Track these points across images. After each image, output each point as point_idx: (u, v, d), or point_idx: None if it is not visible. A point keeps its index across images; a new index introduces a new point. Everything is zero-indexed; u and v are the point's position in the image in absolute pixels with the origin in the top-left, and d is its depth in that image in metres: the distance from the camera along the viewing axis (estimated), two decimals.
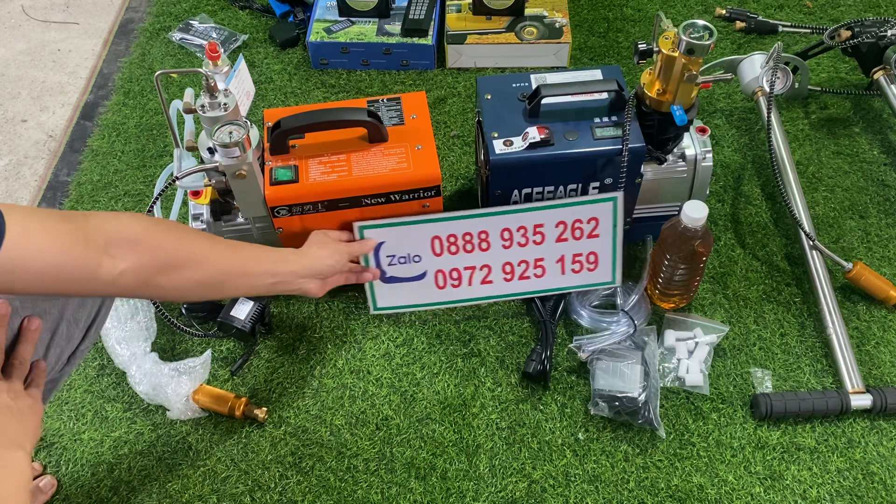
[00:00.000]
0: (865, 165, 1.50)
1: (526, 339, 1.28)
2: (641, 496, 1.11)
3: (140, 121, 1.64)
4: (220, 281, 0.97)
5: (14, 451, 0.80)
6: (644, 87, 1.18)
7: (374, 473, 1.14)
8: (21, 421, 0.83)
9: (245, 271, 1.00)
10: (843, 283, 1.32)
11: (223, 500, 1.12)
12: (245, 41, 1.78)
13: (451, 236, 1.22)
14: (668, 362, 1.22)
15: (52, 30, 1.91)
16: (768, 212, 1.44)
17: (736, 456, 1.14)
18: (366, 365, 1.26)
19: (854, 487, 1.11)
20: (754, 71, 1.50)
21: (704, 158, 1.24)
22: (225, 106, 1.09)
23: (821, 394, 1.17)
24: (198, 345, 1.29)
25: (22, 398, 0.85)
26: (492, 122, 1.21)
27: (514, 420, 1.19)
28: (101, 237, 0.81)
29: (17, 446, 0.80)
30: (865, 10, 1.81)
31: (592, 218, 1.21)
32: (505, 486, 1.12)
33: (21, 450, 0.80)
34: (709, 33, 1.08)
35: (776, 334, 1.27)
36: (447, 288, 1.27)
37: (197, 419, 1.20)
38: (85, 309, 0.96)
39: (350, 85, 1.69)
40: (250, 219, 1.21)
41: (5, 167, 1.61)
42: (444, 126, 1.59)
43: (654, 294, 1.30)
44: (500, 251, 1.24)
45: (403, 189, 1.17)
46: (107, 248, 0.81)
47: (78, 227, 0.80)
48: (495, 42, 1.68)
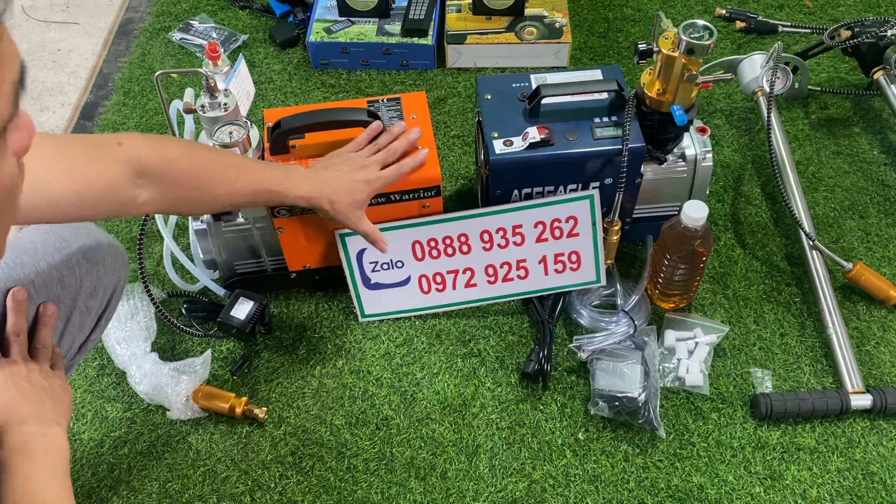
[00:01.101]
0: (865, 165, 1.50)
1: (526, 339, 1.28)
2: (641, 496, 1.11)
3: (140, 121, 1.64)
4: (250, 197, 1.04)
5: (52, 427, 0.82)
6: (644, 87, 1.18)
7: (374, 473, 1.14)
8: (54, 399, 0.85)
9: (271, 187, 1.04)
10: (843, 283, 1.32)
11: (223, 500, 1.12)
12: (245, 41, 1.78)
13: (432, 240, 1.22)
14: (668, 362, 1.22)
15: (52, 30, 1.91)
16: (768, 212, 1.44)
17: (736, 456, 1.14)
18: (366, 365, 1.26)
19: (854, 487, 1.11)
20: (754, 71, 1.50)
21: (704, 158, 1.24)
22: (225, 106, 1.09)
23: (821, 394, 1.17)
24: (198, 345, 1.29)
25: (52, 378, 0.87)
26: (492, 122, 1.21)
27: (514, 420, 1.19)
28: (130, 166, 0.89)
29: (55, 423, 0.83)
30: (865, 10, 1.81)
31: (570, 217, 1.21)
32: (505, 486, 1.12)
33: (58, 426, 0.83)
34: (709, 33, 1.08)
35: (776, 334, 1.27)
36: (432, 292, 1.27)
37: (197, 419, 1.20)
38: (97, 298, 0.98)
39: (350, 85, 1.69)
40: (250, 219, 1.21)
41: None
42: (444, 126, 1.59)
43: (654, 294, 1.30)
44: (481, 253, 1.24)
45: (403, 189, 1.17)
46: (134, 178, 0.89)
47: (106, 154, 0.88)
48: (495, 42, 1.68)
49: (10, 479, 0.76)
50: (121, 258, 1.03)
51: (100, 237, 0.99)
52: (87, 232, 0.97)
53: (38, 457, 0.78)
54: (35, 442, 0.79)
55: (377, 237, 1.15)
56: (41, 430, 0.81)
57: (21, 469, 0.76)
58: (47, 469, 0.78)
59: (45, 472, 0.78)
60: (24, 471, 0.76)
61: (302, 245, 1.23)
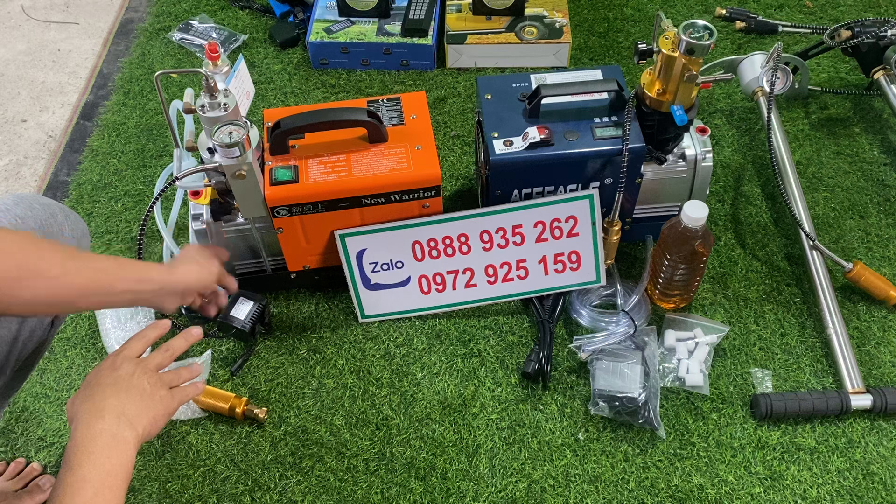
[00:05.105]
0: (865, 165, 1.50)
1: (526, 339, 1.28)
2: (641, 496, 1.11)
3: (140, 121, 1.64)
4: (71, 300, 0.88)
5: (124, 429, 0.79)
6: (644, 87, 1.17)
7: (374, 473, 1.14)
8: (144, 404, 0.82)
9: (101, 289, 0.90)
10: (843, 283, 1.32)
11: (223, 500, 1.12)
12: (245, 41, 1.78)
13: (432, 241, 1.22)
14: (669, 362, 1.22)
15: (52, 30, 1.91)
16: (768, 212, 1.44)
17: (736, 456, 1.14)
18: (366, 365, 1.26)
19: (854, 487, 1.11)
20: (754, 71, 1.50)
21: (704, 158, 1.24)
22: (225, 106, 1.09)
23: (821, 394, 1.17)
24: (198, 345, 1.28)
25: (157, 386, 0.85)
26: (492, 122, 1.21)
27: (514, 420, 1.19)
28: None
29: (129, 425, 0.79)
30: (865, 10, 1.81)
31: (570, 216, 1.21)
32: (505, 486, 1.12)
33: (132, 430, 0.79)
34: (709, 33, 1.08)
35: (776, 334, 1.27)
36: (432, 293, 1.27)
37: (197, 419, 1.20)
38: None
39: (350, 85, 1.69)
40: (250, 219, 1.21)
41: (5, 167, 1.61)
42: (444, 126, 1.59)
43: (655, 294, 1.30)
44: (480, 254, 1.24)
45: (403, 189, 1.17)
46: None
47: None
48: (495, 42, 1.68)
49: (67, 475, 0.74)
50: (80, 227, 1.02)
51: (54, 209, 0.98)
52: (40, 207, 0.97)
53: (98, 459, 0.76)
54: (101, 442, 0.77)
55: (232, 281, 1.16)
56: (112, 430, 0.78)
57: (80, 469, 0.74)
58: (104, 475, 0.75)
59: (101, 479, 0.75)
60: (82, 472, 0.74)
61: (302, 245, 1.23)
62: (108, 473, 0.75)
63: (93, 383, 0.82)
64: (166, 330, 0.92)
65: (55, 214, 0.98)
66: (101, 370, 0.84)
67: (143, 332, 0.90)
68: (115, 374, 0.83)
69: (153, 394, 0.84)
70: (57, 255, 0.85)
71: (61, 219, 0.98)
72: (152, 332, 0.91)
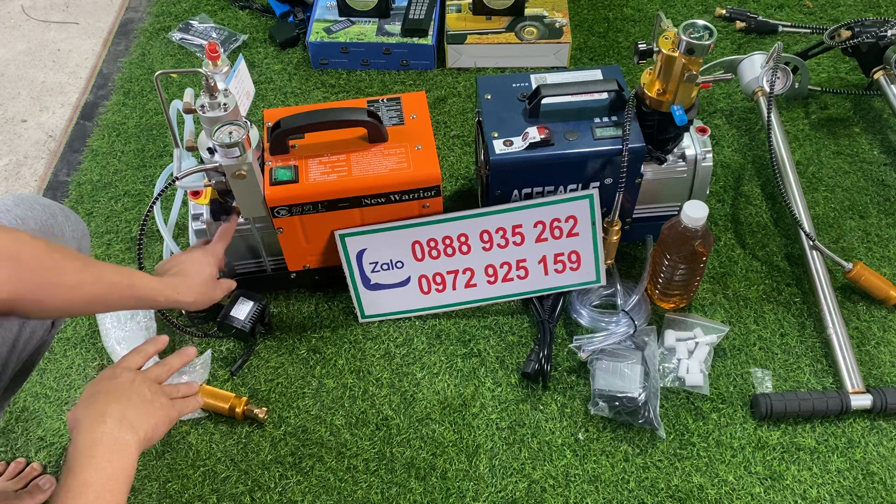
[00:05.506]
0: (865, 165, 1.50)
1: (526, 339, 1.28)
2: (641, 496, 1.11)
3: (140, 121, 1.64)
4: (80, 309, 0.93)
5: (126, 433, 0.80)
6: (644, 87, 1.17)
7: (374, 473, 1.14)
8: (144, 410, 0.84)
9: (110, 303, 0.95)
10: (843, 283, 1.32)
11: (223, 500, 1.12)
12: (245, 41, 1.78)
13: (431, 240, 1.22)
14: (669, 362, 1.22)
15: (52, 30, 1.91)
16: (768, 212, 1.44)
17: (736, 456, 1.14)
18: (366, 365, 1.26)
19: (854, 487, 1.11)
20: (754, 71, 1.50)
21: (704, 158, 1.24)
22: (225, 106, 1.09)
23: (821, 394, 1.17)
24: (198, 345, 1.29)
25: (157, 394, 0.87)
26: (492, 122, 1.21)
27: (514, 420, 1.19)
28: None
29: (131, 429, 0.80)
30: (865, 10, 1.81)
31: (570, 216, 1.21)
32: (505, 486, 1.12)
33: (133, 434, 0.80)
34: (709, 33, 1.08)
35: (776, 334, 1.27)
36: (432, 293, 1.27)
37: (197, 419, 1.20)
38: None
39: (350, 85, 1.69)
40: (250, 219, 1.21)
41: (5, 167, 1.61)
42: (444, 126, 1.59)
43: (655, 294, 1.30)
44: (480, 254, 1.24)
45: (403, 189, 1.17)
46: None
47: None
48: (495, 42, 1.68)
49: (69, 479, 0.74)
50: (80, 227, 1.03)
51: (54, 209, 0.99)
52: (41, 207, 0.98)
53: (99, 463, 0.76)
54: (102, 446, 0.78)
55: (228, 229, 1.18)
56: (113, 434, 0.79)
57: (82, 473, 0.75)
58: (105, 479, 0.76)
59: (102, 483, 0.76)
60: (84, 476, 0.75)
61: (302, 245, 1.23)
62: (109, 477, 0.76)
63: (93, 391, 0.83)
64: (164, 345, 0.95)
65: (55, 215, 0.98)
66: (101, 379, 0.85)
67: (142, 346, 0.93)
68: (116, 381, 0.85)
69: (154, 400, 0.85)
70: (72, 265, 0.86)
71: (61, 219, 0.99)
72: (151, 347, 0.94)
